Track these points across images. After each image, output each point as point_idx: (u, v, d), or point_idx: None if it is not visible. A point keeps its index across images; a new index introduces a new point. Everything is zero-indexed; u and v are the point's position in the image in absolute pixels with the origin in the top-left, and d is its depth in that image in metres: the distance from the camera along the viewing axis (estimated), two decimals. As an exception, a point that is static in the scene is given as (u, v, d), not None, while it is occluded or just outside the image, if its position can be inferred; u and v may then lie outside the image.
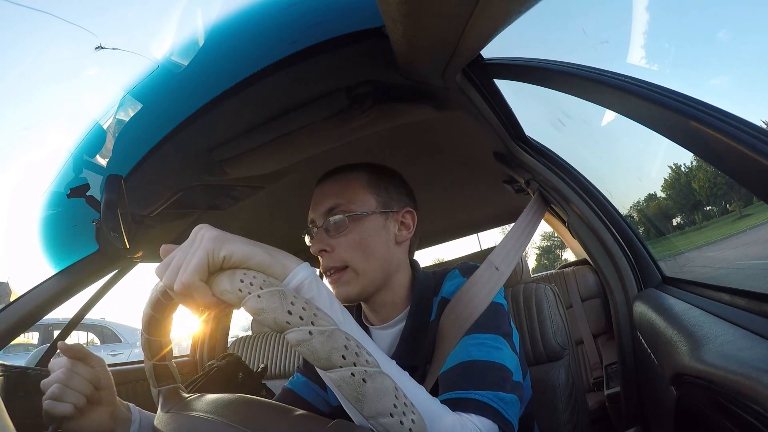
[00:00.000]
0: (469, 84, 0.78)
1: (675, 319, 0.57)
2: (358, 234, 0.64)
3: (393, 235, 0.68)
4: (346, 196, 0.66)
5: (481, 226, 2.37)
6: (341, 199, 0.66)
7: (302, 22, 0.69)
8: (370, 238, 0.65)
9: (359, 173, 0.70)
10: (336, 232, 0.65)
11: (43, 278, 1.13)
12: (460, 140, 1.21)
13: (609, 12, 15.61)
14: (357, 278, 0.64)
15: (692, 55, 16.92)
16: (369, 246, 0.64)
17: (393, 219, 0.69)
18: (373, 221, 0.66)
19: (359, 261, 0.64)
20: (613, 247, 0.86)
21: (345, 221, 0.64)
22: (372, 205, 0.67)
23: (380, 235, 0.66)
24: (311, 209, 0.70)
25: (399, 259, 0.69)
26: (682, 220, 2.22)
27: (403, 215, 0.70)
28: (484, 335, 0.58)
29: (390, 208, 0.68)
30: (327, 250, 0.64)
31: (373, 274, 0.65)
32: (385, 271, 0.66)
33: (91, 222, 1.01)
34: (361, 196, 0.67)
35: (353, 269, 0.64)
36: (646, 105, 0.49)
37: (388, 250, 0.66)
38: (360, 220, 0.65)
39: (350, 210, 0.65)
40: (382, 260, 0.65)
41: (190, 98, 0.78)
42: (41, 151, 0.94)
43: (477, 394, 0.51)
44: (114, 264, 1.26)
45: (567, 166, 0.93)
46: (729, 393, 0.35)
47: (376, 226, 0.66)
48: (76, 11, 0.61)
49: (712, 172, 1.93)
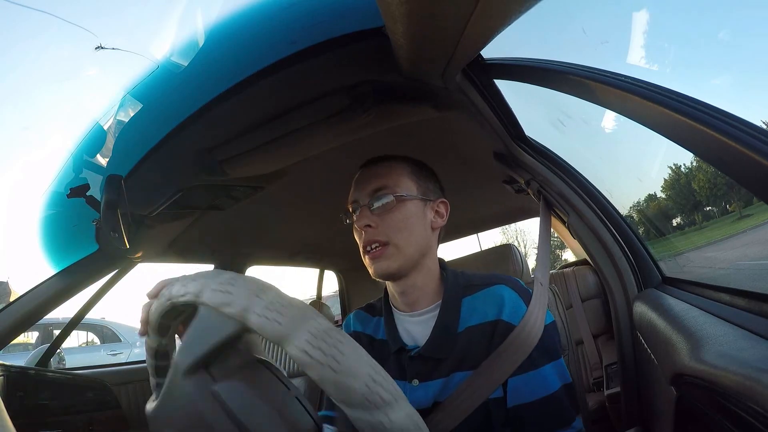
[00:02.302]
0: (469, 84, 0.78)
1: (675, 319, 0.56)
2: (402, 214, 0.70)
3: (429, 221, 0.74)
4: (392, 179, 0.72)
5: (482, 226, 2.37)
6: (388, 182, 0.72)
7: (302, 22, 0.69)
8: (411, 219, 0.71)
9: (403, 162, 0.76)
10: (382, 210, 0.71)
11: (43, 278, 1.14)
12: (459, 140, 1.21)
13: (609, 12, 15.68)
14: (398, 254, 0.70)
15: (692, 55, 16.98)
16: (410, 226, 0.71)
17: (430, 207, 0.75)
18: (415, 205, 0.72)
19: (401, 238, 0.70)
20: (613, 247, 0.86)
21: (392, 201, 0.70)
22: (414, 191, 0.73)
23: (420, 218, 0.72)
24: (355, 190, 0.75)
25: (432, 244, 0.75)
26: (682, 220, 2.21)
27: (438, 204, 0.76)
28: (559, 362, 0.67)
29: (428, 196, 0.75)
30: (372, 225, 0.70)
31: (412, 253, 0.71)
32: (421, 252, 0.72)
33: (91, 222, 1.01)
34: (404, 181, 0.73)
35: (395, 245, 0.69)
36: (646, 105, 0.49)
37: (425, 233, 0.73)
38: (404, 201, 0.71)
39: (396, 192, 0.71)
40: (420, 240, 0.72)
41: (190, 98, 0.78)
42: (41, 151, 0.94)
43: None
44: (114, 264, 1.26)
45: (567, 166, 0.93)
46: (729, 393, 0.35)
47: (417, 210, 0.72)
48: (76, 11, 0.61)
49: (713, 172, 1.92)
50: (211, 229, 1.41)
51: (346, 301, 2.59)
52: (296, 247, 1.92)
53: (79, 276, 1.16)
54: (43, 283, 1.12)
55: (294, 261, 2.06)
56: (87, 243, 1.11)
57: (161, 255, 1.42)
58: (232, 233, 1.53)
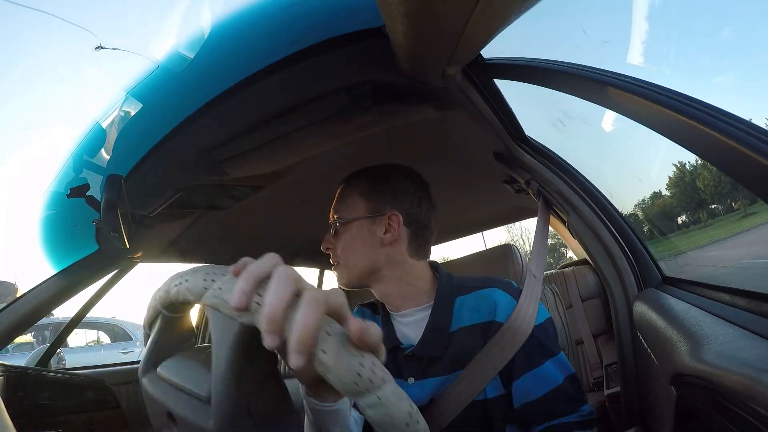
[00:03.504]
0: (469, 84, 0.78)
1: (675, 319, 0.56)
2: (347, 236, 0.76)
3: (379, 238, 0.75)
4: (344, 203, 0.78)
5: (482, 225, 2.37)
6: (339, 206, 0.79)
7: (302, 22, 0.69)
8: (355, 241, 0.75)
9: (358, 181, 0.80)
10: (334, 232, 0.77)
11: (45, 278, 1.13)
12: (460, 140, 1.21)
13: (609, 12, 15.67)
14: (345, 271, 0.76)
15: (693, 55, 16.88)
16: (354, 246, 0.75)
17: (379, 223, 0.76)
18: (358, 226, 0.76)
19: (346, 258, 0.76)
20: (613, 247, 0.86)
21: (338, 226, 0.77)
22: (362, 211, 0.76)
23: (365, 238, 0.75)
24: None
25: (390, 257, 0.76)
26: (686, 218, 2.20)
27: (390, 218, 0.76)
28: (559, 357, 0.69)
29: (378, 212, 0.76)
30: (330, 247, 0.78)
31: (360, 269, 0.75)
32: (371, 268, 0.75)
33: (91, 222, 1.01)
34: (353, 203, 0.77)
35: (343, 264, 0.76)
36: (646, 105, 0.49)
37: (371, 250, 0.75)
38: (347, 225, 0.76)
39: (343, 216, 0.77)
40: (367, 257, 0.75)
41: (191, 98, 0.78)
42: (41, 151, 0.94)
43: (576, 416, 0.65)
44: (114, 264, 1.26)
45: (567, 166, 0.93)
46: (729, 393, 0.35)
47: (361, 231, 0.75)
48: (76, 11, 0.61)
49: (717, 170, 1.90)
50: (211, 229, 1.41)
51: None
52: (296, 247, 1.92)
53: (79, 276, 1.15)
54: (43, 283, 1.12)
55: (294, 261, 2.06)
56: (87, 243, 1.11)
57: (161, 255, 1.42)
58: (232, 233, 1.53)
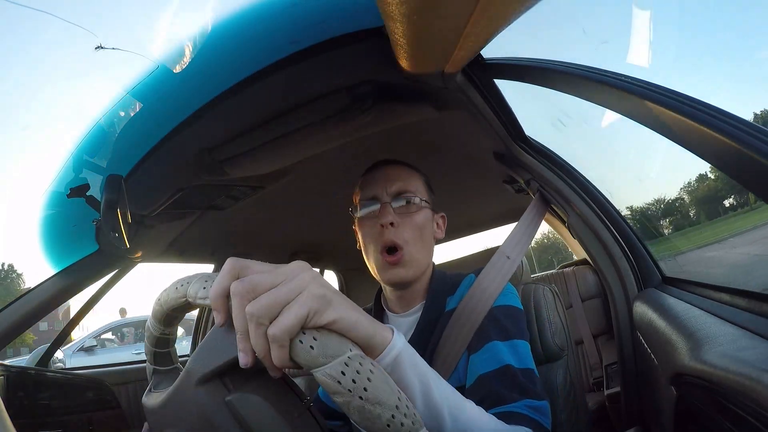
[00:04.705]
0: (469, 84, 0.78)
1: (675, 319, 0.56)
2: (420, 219, 0.71)
3: (434, 232, 0.76)
4: (413, 184, 0.73)
5: (483, 225, 2.37)
6: (410, 186, 0.72)
7: (303, 21, 0.69)
8: (426, 227, 0.72)
9: (418, 172, 0.77)
10: (404, 210, 0.70)
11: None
12: (460, 140, 1.21)
13: (609, 12, 15.59)
14: (412, 262, 0.69)
15: (693, 55, 16.92)
16: (424, 234, 0.71)
17: (435, 219, 0.77)
18: (428, 214, 0.73)
19: (415, 245, 0.69)
20: (613, 247, 0.86)
21: (417, 204, 0.71)
22: (428, 200, 0.74)
23: (430, 228, 0.74)
24: (372, 186, 0.73)
25: (432, 254, 0.76)
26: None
27: (441, 217, 0.79)
28: (517, 341, 0.61)
29: (435, 208, 0.76)
30: (394, 224, 0.69)
31: (422, 262, 0.71)
32: (428, 262, 0.73)
33: (91, 222, 1.01)
34: (423, 189, 0.75)
35: (409, 252, 0.68)
36: (646, 105, 0.49)
37: (431, 242, 0.74)
38: (423, 209, 0.72)
39: (418, 196, 0.72)
40: (429, 249, 0.73)
41: (191, 98, 0.78)
42: (41, 151, 0.95)
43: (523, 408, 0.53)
44: (114, 264, 1.26)
45: (567, 166, 0.93)
46: (729, 393, 0.35)
47: (428, 219, 0.73)
48: (76, 11, 0.61)
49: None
50: (211, 229, 1.41)
51: (346, 301, 2.59)
52: (296, 247, 1.92)
53: (79, 276, 1.15)
54: (43, 283, 1.12)
55: (294, 261, 2.06)
56: (87, 243, 1.11)
57: (161, 255, 1.41)
58: (232, 233, 1.53)
